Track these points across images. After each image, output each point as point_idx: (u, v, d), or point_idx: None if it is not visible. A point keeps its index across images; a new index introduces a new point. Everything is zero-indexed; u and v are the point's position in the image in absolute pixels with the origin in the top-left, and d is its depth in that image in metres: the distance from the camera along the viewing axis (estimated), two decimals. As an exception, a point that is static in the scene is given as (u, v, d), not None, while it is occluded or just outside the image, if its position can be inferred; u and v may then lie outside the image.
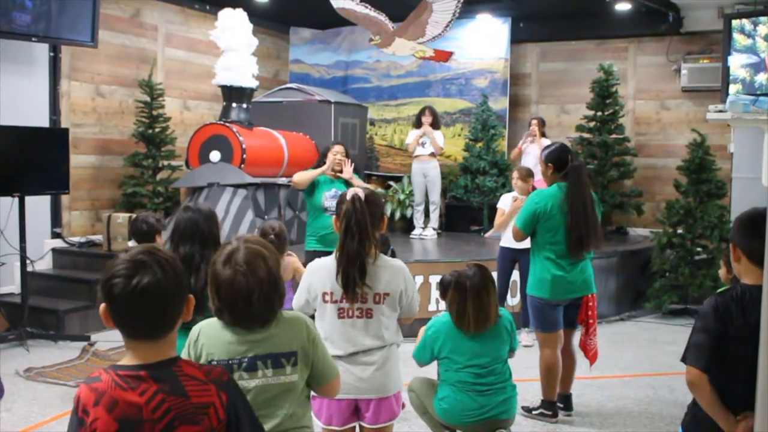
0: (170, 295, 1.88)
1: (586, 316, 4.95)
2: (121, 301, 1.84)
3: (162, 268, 1.87)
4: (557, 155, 4.95)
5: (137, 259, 1.86)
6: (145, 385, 1.86)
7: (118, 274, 1.84)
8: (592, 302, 4.94)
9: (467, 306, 3.94)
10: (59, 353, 6.58)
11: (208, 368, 1.99)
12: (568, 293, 4.88)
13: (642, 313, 8.53)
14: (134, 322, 1.88)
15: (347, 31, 11.17)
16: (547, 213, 4.80)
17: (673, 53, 10.23)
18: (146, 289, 1.83)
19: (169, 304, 1.89)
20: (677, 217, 8.52)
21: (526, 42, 11.12)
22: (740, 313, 2.65)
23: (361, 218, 3.13)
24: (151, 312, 1.87)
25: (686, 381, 2.71)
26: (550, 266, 4.84)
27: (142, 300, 1.83)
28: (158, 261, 1.88)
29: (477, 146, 10.29)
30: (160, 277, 1.85)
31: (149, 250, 1.91)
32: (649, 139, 10.54)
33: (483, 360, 3.96)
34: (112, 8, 8.83)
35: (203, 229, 3.67)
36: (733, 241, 2.79)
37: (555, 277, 4.82)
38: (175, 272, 1.90)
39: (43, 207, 8.05)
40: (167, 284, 1.86)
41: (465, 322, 3.96)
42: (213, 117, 9.36)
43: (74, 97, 8.52)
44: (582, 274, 4.90)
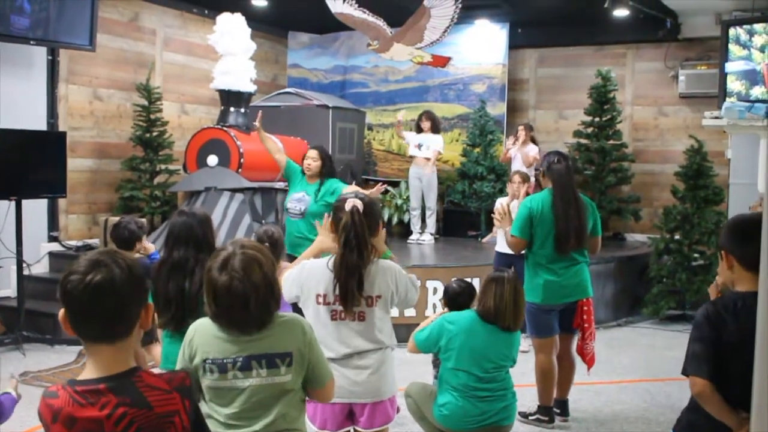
0: (126, 294, 1.84)
1: (581, 320, 4.95)
2: (76, 299, 1.82)
3: (119, 267, 1.84)
4: (545, 161, 5.07)
5: (95, 259, 1.85)
6: (105, 399, 1.82)
7: (75, 271, 1.83)
8: (587, 306, 4.94)
9: (506, 296, 3.93)
10: (55, 357, 6.56)
11: (169, 376, 1.94)
12: (561, 298, 4.89)
13: (639, 319, 8.53)
14: (89, 321, 1.84)
15: (345, 36, 11.19)
16: (539, 216, 4.85)
17: (671, 59, 10.26)
18: (100, 285, 1.80)
19: (124, 304, 1.85)
20: (674, 223, 8.52)
21: (524, 47, 11.14)
22: (733, 319, 2.64)
23: (360, 231, 3.15)
24: (105, 310, 1.83)
25: (693, 393, 2.66)
26: (541, 271, 4.87)
27: (96, 297, 1.80)
28: (116, 261, 1.86)
29: (475, 151, 10.29)
30: (115, 274, 1.82)
31: (109, 252, 1.90)
32: (647, 145, 10.55)
33: (488, 365, 3.94)
34: (111, 12, 8.83)
35: (198, 233, 3.68)
36: (724, 249, 2.76)
37: (547, 282, 4.84)
38: (133, 274, 1.87)
39: (40, 210, 8.03)
40: (123, 283, 1.83)
41: (502, 314, 3.93)
42: (211, 121, 9.35)
43: (72, 100, 8.52)
44: (575, 278, 4.91)
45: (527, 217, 4.87)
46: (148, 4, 9.38)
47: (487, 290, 4.01)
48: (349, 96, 11.31)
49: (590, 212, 5.00)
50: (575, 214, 4.82)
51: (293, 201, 6.03)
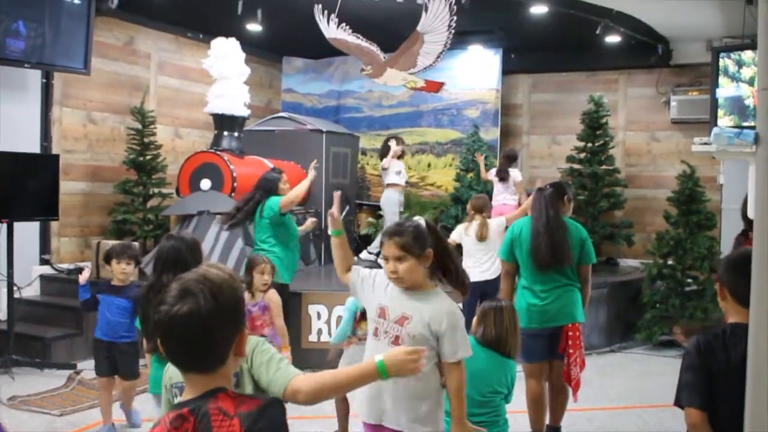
0: (213, 325, 1.79)
1: (566, 345, 4.94)
2: (163, 329, 1.79)
3: (205, 297, 1.78)
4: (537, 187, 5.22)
5: (184, 287, 1.80)
6: (187, 425, 1.78)
7: (164, 301, 1.80)
8: (572, 332, 4.93)
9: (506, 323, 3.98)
10: (45, 381, 6.51)
11: (242, 399, 1.83)
12: (545, 322, 4.90)
13: (632, 345, 8.51)
14: (178, 351, 1.82)
15: (339, 61, 11.24)
16: (519, 239, 4.96)
17: (663, 85, 10.33)
18: (186, 317, 1.76)
19: (212, 334, 1.80)
20: (667, 248, 8.53)
21: (518, 73, 11.21)
22: (722, 349, 2.66)
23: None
24: (192, 342, 1.79)
25: (687, 424, 2.67)
26: (526, 294, 4.98)
27: (182, 328, 1.77)
28: (203, 289, 1.79)
29: (468, 176, 10.31)
30: (201, 305, 1.77)
31: (200, 279, 1.82)
32: (640, 170, 10.59)
33: (485, 389, 3.92)
34: (106, 36, 8.87)
35: (186, 257, 3.68)
36: (720, 280, 2.81)
37: (529, 306, 4.89)
38: (220, 303, 1.80)
39: (32, 233, 8.01)
40: (209, 314, 1.78)
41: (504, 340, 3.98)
42: (204, 145, 9.36)
43: (66, 123, 8.53)
44: (558, 301, 4.91)
45: (509, 241, 5.03)
46: (144, 28, 9.42)
47: (487, 318, 4.03)
48: (343, 121, 11.35)
49: (575, 237, 4.98)
50: (545, 230, 4.87)
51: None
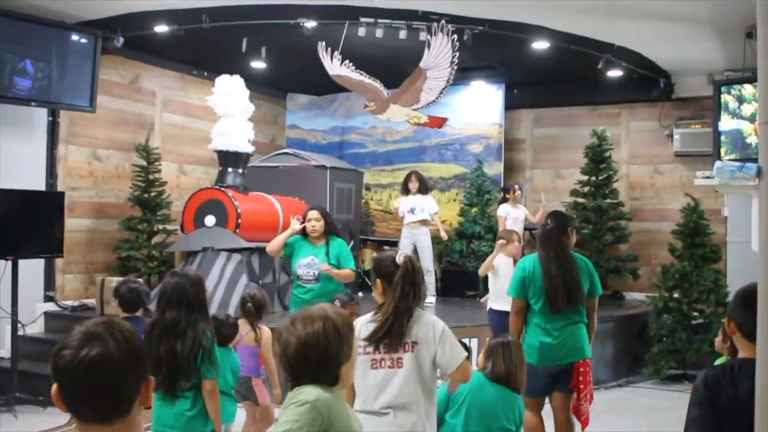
0: (123, 370, 1.69)
1: (577, 381, 4.91)
2: (67, 375, 1.66)
3: (116, 340, 1.69)
4: (543, 223, 5.20)
5: (90, 331, 1.69)
6: None
7: (67, 345, 1.68)
8: (583, 368, 4.91)
9: (514, 359, 4.02)
10: (47, 420, 6.45)
11: None
12: (555, 360, 4.88)
13: (640, 379, 8.43)
14: (82, 400, 1.68)
15: (343, 98, 11.32)
16: (530, 276, 4.91)
17: (665, 118, 10.37)
18: (94, 361, 1.64)
19: (121, 381, 1.69)
20: (673, 282, 8.50)
21: (520, 108, 11.27)
22: (730, 385, 2.64)
23: (415, 279, 3.31)
24: (99, 388, 1.67)
25: None
26: (539, 332, 4.91)
27: (90, 374, 1.65)
28: (113, 333, 1.70)
29: (472, 211, 10.33)
30: (112, 349, 1.67)
31: (106, 322, 1.74)
32: (644, 203, 10.59)
33: (494, 425, 3.90)
34: (111, 74, 8.95)
35: (190, 294, 3.67)
36: (729, 315, 2.81)
37: (542, 345, 4.85)
38: (131, 346, 1.71)
39: (36, 270, 8.00)
40: (120, 358, 1.67)
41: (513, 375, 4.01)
42: (209, 181, 9.40)
43: (71, 160, 8.58)
44: (570, 339, 4.89)
45: (521, 278, 4.96)
46: (148, 66, 9.51)
47: (495, 354, 4.03)
48: (347, 156, 11.39)
49: (584, 271, 4.98)
50: (559, 272, 4.84)
51: (303, 267, 5.97)
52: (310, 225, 5.99)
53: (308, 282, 5.97)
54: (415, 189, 9.33)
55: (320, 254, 5.95)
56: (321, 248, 6.00)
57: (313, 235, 6.00)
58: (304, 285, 5.98)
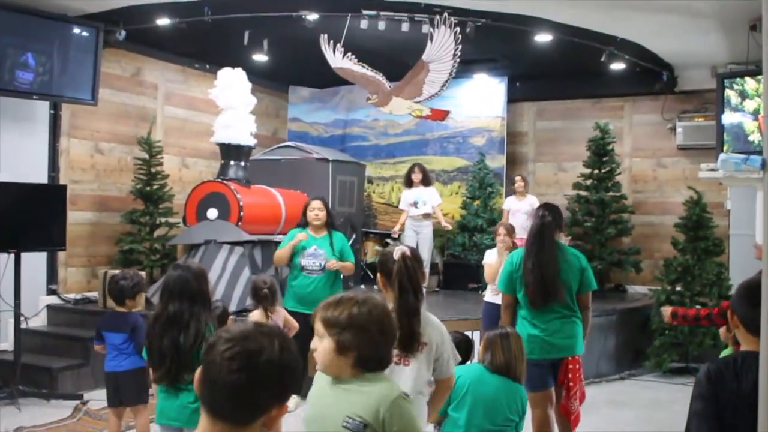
0: (266, 374, 1.66)
1: (566, 378, 4.89)
2: (214, 362, 1.65)
3: (272, 344, 1.67)
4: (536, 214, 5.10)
5: (251, 329, 1.70)
6: None
7: (226, 333, 1.69)
8: (572, 365, 4.89)
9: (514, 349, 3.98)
10: (51, 412, 6.47)
11: None
12: (546, 353, 4.84)
13: (642, 372, 8.43)
14: (217, 390, 1.66)
15: (345, 90, 11.30)
16: (517, 271, 4.90)
17: (668, 112, 10.35)
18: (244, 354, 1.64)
19: (259, 384, 1.66)
20: (675, 275, 8.49)
21: (523, 101, 11.25)
22: (733, 378, 2.63)
23: (413, 274, 3.27)
24: (238, 383, 1.64)
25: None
26: (526, 325, 4.89)
27: (236, 365, 1.63)
28: (271, 337, 1.69)
29: (474, 204, 10.32)
30: (265, 349, 1.66)
31: (269, 329, 1.73)
32: (646, 196, 10.58)
33: (497, 418, 3.88)
34: (113, 67, 8.94)
35: (193, 287, 3.67)
36: (732, 308, 2.80)
37: (530, 336, 4.82)
38: (283, 357, 1.68)
39: (39, 263, 8.01)
40: (268, 360, 1.66)
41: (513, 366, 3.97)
42: (211, 174, 9.40)
43: (73, 153, 8.57)
44: (559, 334, 4.85)
45: (508, 272, 4.97)
46: (150, 59, 9.50)
47: (494, 345, 4.01)
48: (349, 149, 11.39)
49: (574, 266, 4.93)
50: (535, 267, 4.80)
51: (308, 257, 6.03)
52: (314, 213, 6.09)
53: (313, 272, 6.03)
54: (417, 180, 9.40)
55: (323, 245, 6.01)
56: (323, 239, 6.08)
57: (316, 223, 6.09)
58: (309, 275, 6.02)
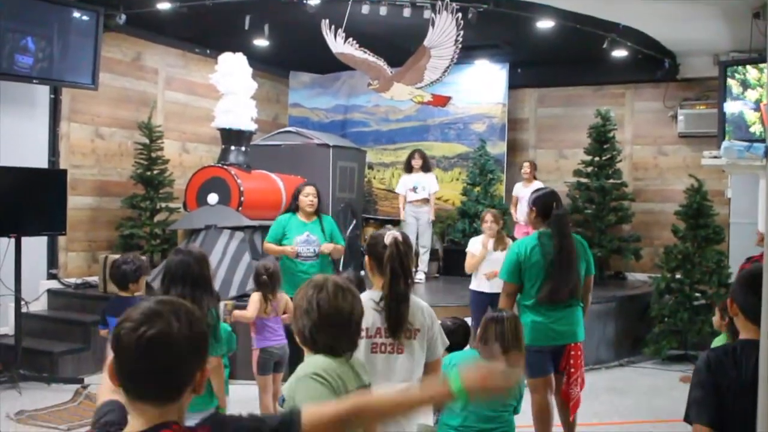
0: (182, 353, 1.65)
1: (567, 364, 4.91)
2: (125, 351, 1.63)
3: (179, 321, 1.65)
4: (543, 201, 4.97)
5: (153, 308, 1.67)
6: None
7: (129, 319, 1.65)
8: (574, 351, 4.90)
9: (507, 335, 3.91)
10: (52, 396, 6.50)
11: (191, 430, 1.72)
12: (549, 340, 4.84)
13: (641, 359, 8.46)
14: (136, 378, 1.65)
15: (346, 76, 11.27)
16: (528, 260, 4.80)
17: (670, 99, 10.33)
18: (154, 340, 1.61)
19: (178, 364, 1.66)
20: (675, 263, 8.50)
21: (524, 87, 11.22)
22: (733, 366, 2.64)
23: (404, 260, 3.20)
24: (156, 369, 1.63)
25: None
26: (529, 312, 4.83)
27: (148, 353, 1.62)
28: (177, 313, 1.67)
29: (475, 190, 10.31)
30: (173, 329, 1.63)
31: (172, 302, 1.72)
32: (647, 184, 10.57)
33: (493, 404, 3.88)
34: (114, 51, 8.91)
35: (195, 271, 3.68)
36: (731, 296, 2.80)
37: (534, 323, 4.79)
38: (194, 330, 1.67)
39: (39, 248, 8.01)
40: (181, 340, 1.64)
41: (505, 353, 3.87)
42: (212, 159, 9.38)
43: (74, 138, 8.56)
44: (564, 321, 4.85)
45: (515, 262, 4.84)
46: (151, 43, 9.47)
47: (488, 330, 3.97)
48: (349, 135, 11.37)
49: (581, 254, 4.95)
50: (567, 268, 4.77)
51: (301, 244, 6.06)
52: (308, 200, 6.17)
53: (308, 258, 6.06)
54: (417, 166, 9.43)
55: (314, 230, 6.08)
56: (313, 224, 6.17)
57: (308, 210, 6.16)
58: (304, 261, 6.05)
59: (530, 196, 5.19)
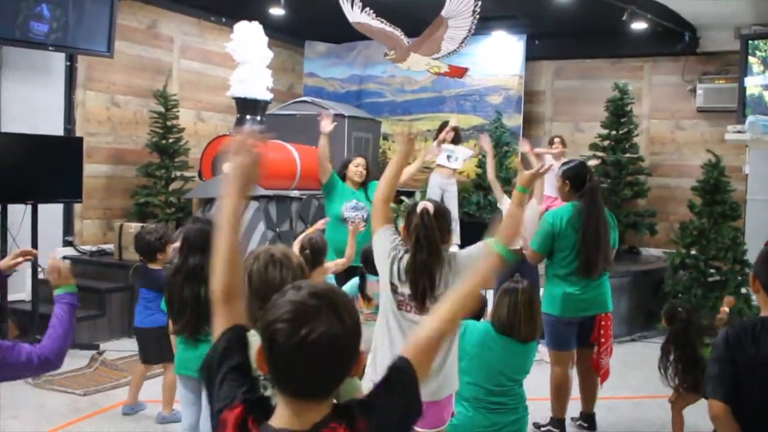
0: (346, 354, 1.56)
1: (598, 334, 4.92)
2: (284, 353, 1.52)
3: (339, 316, 1.54)
4: (576, 173, 4.95)
5: (307, 304, 1.54)
6: None
7: (281, 319, 1.53)
8: (605, 321, 4.91)
9: (519, 307, 3.83)
10: (68, 361, 6.42)
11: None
12: (579, 311, 4.85)
13: (654, 334, 8.43)
14: (296, 379, 1.55)
15: (362, 46, 11.19)
16: (562, 232, 4.78)
17: (689, 73, 10.20)
18: (318, 344, 1.50)
19: (344, 362, 1.57)
20: (691, 238, 8.45)
21: (541, 59, 11.11)
22: (751, 343, 2.63)
23: (430, 233, 3.20)
24: (318, 370, 1.53)
25: (710, 416, 2.67)
26: (561, 283, 4.82)
27: (311, 356, 1.51)
28: (334, 307, 1.55)
29: (490, 163, 10.26)
30: (337, 329, 1.53)
31: (323, 293, 1.58)
32: (664, 158, 10.49)
33: (501, 379, 3.89)
34: (129, 19, 8.88)
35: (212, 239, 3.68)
36: (753, 272, 2.79)
37: (566, 294, 4.80)
38: (354, 323, 1.57)
39: (55, 215, 8.06)
40: (343, 336, 1.54)
41: (516, 326, 3.82)
42: (227, 129, 9.38)
43: (89, 106, 8.57)
44: (595, 292, 4.87)
45: (549, 233, 4.83)
46: (166, 11, 9.43)
47: (501, 301, 3.93)
48: (365, 105, 11.32)
49: (611, 226, 4.97)
50: (602, 240, 4.80)
51: (350, 210, 6.15)
52: (359, 170, 6.35)
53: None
54: (450, 139, 9.19)
55: (361, 198, 6.25)
56: (360, 193, 6.31)
57: (358, 180, 6.32)
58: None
59: (560, 168, 5.16)
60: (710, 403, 2.66)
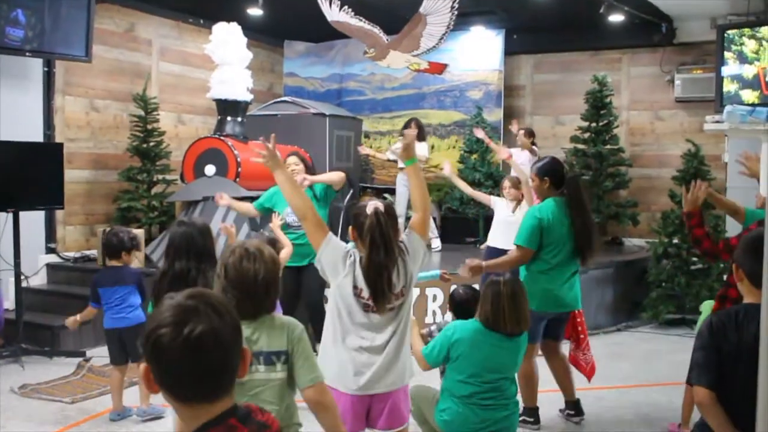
0: (230, 343, 1.58)
1: (576, 331, 4.95)
2: (169, 356, 1.53)
3: (218, 313, 1.57)
4: (553, 169, 4.98)
5: (184, 305, 1.57)
6: None
7: (163, 323, 1.54)
8: (579, 317, 4.96)
9: (502, 301, 3.88)
10: (55, 369, 6.53)
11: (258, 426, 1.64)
12: (555, 307, 4.91)
13: (639, 324, 8.52)
14: (187, 381, 1.56)
15: (341, 44, 11.20)
16: (548, 227, 4.81)
17: (667, 64, 10.28)
18: (202, 339, 1.53)
19: (229, 358, 1.59)
20: (673, 227, 8.52)
21: (520, 53, 11.16)
22: (734, 330, 2.67)
23: (385, 230, 3.16)
24: (207, 368, 1.55)
25: (696, 403, 2.73)
26: (541, 279, 4.84)
27: (198, 354, 1.53)
28: (211, 305, 1.58)
29: (472, 158, 10.30)
30: (216, 323, 1.55)
31: (198, 294, 1.62)
32: (644, 149, 10.56)
33: (492, 376, 3.92)
34: (107, 23, 8.83)
35: (198, 243, 3.69)
36: (736, 262, 2.82)
37: (545, 291, 4.83)
38: (233, 318, 1.61)
39: (37, 222, 8.01)
40: (224, 330, 1.56)
41: (501, 320, 3.87)
42: (208, 131, 9.34)
43: (68, 111, 8.52)
44: (572, 289, 4.94)
45: (537, 227, 4.82)
46: (144, 14, 9.38)
47: (485, 296, 3.97)
48: (345, 104, 11.32)
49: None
50: (594, 234, 4.91)
51: (291, 214, 6.04)
52: (289, 170, 6.11)
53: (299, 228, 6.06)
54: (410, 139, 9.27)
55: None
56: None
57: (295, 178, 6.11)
58: (295, 231, 6.06)
59: (533, 165, 5.19)
60: (696, 390, 2.70)
